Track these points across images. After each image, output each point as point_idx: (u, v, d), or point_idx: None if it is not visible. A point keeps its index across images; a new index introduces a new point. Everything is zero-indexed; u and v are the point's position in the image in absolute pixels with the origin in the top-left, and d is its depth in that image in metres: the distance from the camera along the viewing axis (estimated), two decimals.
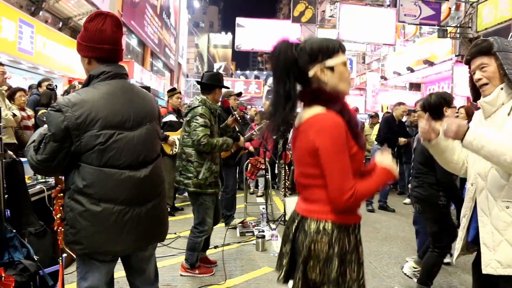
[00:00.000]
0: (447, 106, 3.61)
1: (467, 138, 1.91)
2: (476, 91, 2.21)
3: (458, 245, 2.33)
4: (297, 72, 1.78)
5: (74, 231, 2.09)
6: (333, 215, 1.77)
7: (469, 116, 6.35)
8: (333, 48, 1.78)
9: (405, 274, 4.12)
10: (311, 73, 1.77)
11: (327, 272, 1.76)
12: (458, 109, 5.75)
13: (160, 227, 2.32)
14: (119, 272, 2.50)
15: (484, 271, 2.05)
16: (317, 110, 1.75)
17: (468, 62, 2.20)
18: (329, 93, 1.76)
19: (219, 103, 4.58)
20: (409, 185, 4.48)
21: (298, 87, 1.82)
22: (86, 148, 2.01)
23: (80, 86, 7.49)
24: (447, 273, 4.49)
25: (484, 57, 2.11)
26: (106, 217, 2.07)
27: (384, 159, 1.88)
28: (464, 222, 2.27)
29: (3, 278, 2.07)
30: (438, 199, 3.65)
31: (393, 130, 7.55)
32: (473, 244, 2.26)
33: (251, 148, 7.32)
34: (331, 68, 1.77)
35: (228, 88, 4.34)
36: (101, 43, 2.10)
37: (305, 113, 1.80)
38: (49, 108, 2.04)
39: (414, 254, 4.50)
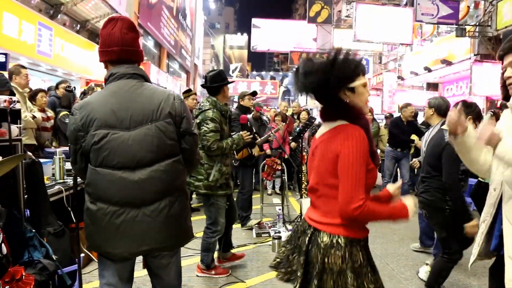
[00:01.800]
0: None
1: (499, 151, 1.82)
2: (507, 90, 2.06)
3: (475, 250, 2.23)
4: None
5: (85, 228, 2.20)
6: (344, 229, 1.83)
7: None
8: (353, 72, 1.83)
9: (420, 278, 4.06)
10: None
11: (341, 284, 1.80)
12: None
13: (164, 234, 2.17)
14: (136, 272, 2.51)
15: (507, 286, 1.94)
16: (341, 122, 1.84)
17: (501, 58, 2.05)
18: (355, 111, 1.83)
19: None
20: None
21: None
22: (87, 149, 2.09)
23: (97, 88, 7.64)
24: (464, 275, 4.43)
25: None
26: (101, 217, 2.09)
27: (409, 199, 1.90)
28: (483, 228, 2.16)
29: (23, 277, 2.11)
30: (444, 204, 3.55)
31: (403, 131, 7.56)
32: (492, 251, 2.17)
33: (268, 152, 7.31)
34: (352, 89, 1.85)
35: (233, 82, 4.31)
36: (110, 46, 2.15)
37: (330, 125, 1.88)
38: (69, 117, 2.19)
39: (432, 257, 4.45)
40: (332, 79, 1.78)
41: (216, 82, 4.10)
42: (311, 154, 1.98)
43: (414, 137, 7.56)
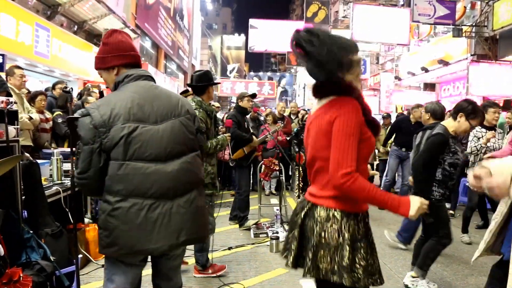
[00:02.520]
0: (464, 114, 3.68)
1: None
2: None
3: (481, 246, 2.23)
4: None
5: (107, 233, 2.10)
6: (341, 203, 1.83)
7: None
8: (353, 47, 1.90)
9: (406, 285, 4.07)
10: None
11: (338, 260, 1.79)
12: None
13: (196, 225, 2.24)
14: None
15: None
16: (335, 97, 1.85)
17: None
18: (348, 85, 1.84)
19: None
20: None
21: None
22: (113, 143, 2.07)
23: (93, 88, 7.63)
24: (463, 275, 4.44)
25: None
26: (136, 212, 2.07)
27: (416, 198, 1.79)
28: (492, 225, 2.13)
29: (21, 278, 2.10)
30: (430, 193, 3.81)
31: (409, 131, 7.52)
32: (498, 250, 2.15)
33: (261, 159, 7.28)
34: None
35: (219, 83, 4.31)
36: (126, 50, 2.27)
37: (323, 101, 1.89)
38: (80, 118, 2.11)
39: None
40: (339, 53, 1.80)
41: (202, 82, 4.11)
42: (307, 130, 2.00)
43: None
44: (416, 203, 1.76)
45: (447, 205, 7.47)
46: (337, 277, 1.79)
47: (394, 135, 8.18)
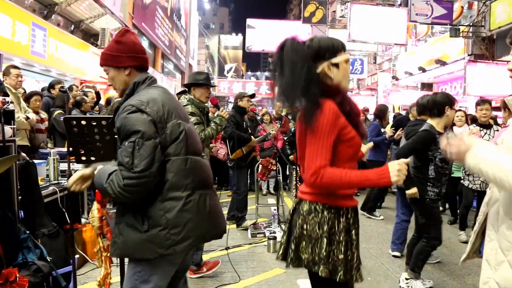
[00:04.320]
0: (449, 106, 3.81)
1: (468, 163, 1.72)
2: None
3: (468, 247, 2.24)
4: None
5: (179, 229, 2.10)
6: (323, 197, 1.90)
7: (467, 120, 6.45)
8: (338, 46, 1.94)
9: (400, 287, 4.08)
10: (319, 69, 1.91)
11: (317, 251, 1.87)
12: (456, 111, 5.69)
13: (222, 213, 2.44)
14: None
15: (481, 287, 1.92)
16: None
17: (511, 44, 1.94)
18: (331, 87, 1.90)
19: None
20: None
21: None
22: (172, 138, 2.11)
23: (88, 88, 7.64)
24: (456, 276, 4.45)
25: None
26: (204, 202, 2.20)
27: (392, 163, 1.79)
28: (476, 227, 2.14)
29: (17, 278, 2.09)
30: (425, 193, 3.83)
31: None
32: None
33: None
34: (337, 65, 1.92)
35: (210, 85, 4.37)
36: (139, 53, 2.29)
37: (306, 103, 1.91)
38: (124, 114, 2.06)
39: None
40: (316, 53, 1.89)
41: (190, 81, 4.32)
42: (296, 130, 2.04)
43: None
44: (394, 167, 1.76)
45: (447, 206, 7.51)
46: (317, 267, 1.87)
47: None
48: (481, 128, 5.47)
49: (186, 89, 4.36)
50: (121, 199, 2.06)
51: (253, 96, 6.19)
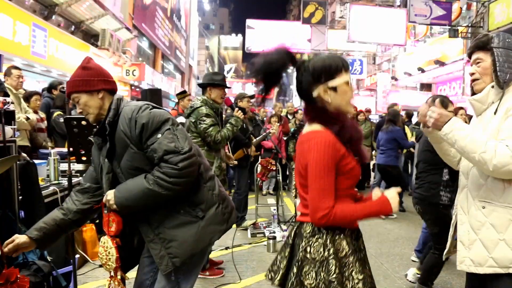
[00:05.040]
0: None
1: (444, 129, 1.91)
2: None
3: (448, 242, 2.36)
4: (301, 91, 1.86)
5: (226, 203, 2.31)
6: None
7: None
8: (336, 68, 1.79)
9: (409, 281, 4.07)
10: (314, 93, 1.80)
11: (324, 276, 1.74)
12: (459, 110, 5.67)
13: None
14: (133, 272, 2.52)
15: (458, 268, 2.11)
16: (315, 127, 1.80)
17: (469, 56, 2.16)
18: (329, 114, 1.79)
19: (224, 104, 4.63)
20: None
21: (303, 104, 1.89)
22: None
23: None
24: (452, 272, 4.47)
25: (480, 52, 2.07)
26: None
27: (390, 192, 1.82)
28: (453, 219, 2.30)
29: (18, 278, 2.10)
30: (438, 199, 3.59)
31: None
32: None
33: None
34: (334, 89, 1.79)
35: (225, 86, 4.34)
36: (110, 77, 2.29)
37: (306, 128, 1.86)
38: (146, 111, 2.10)
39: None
40: (306, 76, 1.81)
41: (204, 81, 4.29)
42: (296, 149, 1.98)
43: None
44: (393, 198, 1.79)
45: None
46: None
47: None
48: None
49: (186, 90, 4.38)
50: (174, 190, 2.02)
51: (253, 97, 6.21)
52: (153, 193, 2.00)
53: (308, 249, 1.79)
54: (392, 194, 1.81)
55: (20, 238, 2.16)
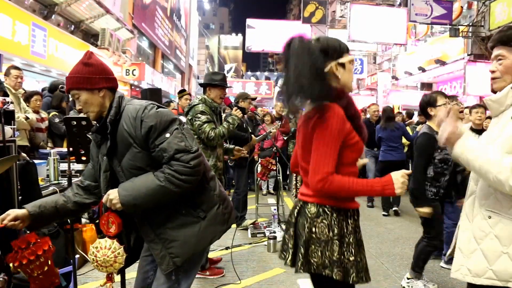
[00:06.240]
0: (431, 106, 3.82)
1: (455, 151, 1.82)
2: None
3: (452, 242, 2.33)
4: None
5: (226, 203, 2.34)
6: (331, 199, 1.87)
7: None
8: (344, 47, 1.95)
9: (403, 286, 4.08)
10: (327, 68, 1.89)
11: (329, 254, 1.84)
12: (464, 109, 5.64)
13: None
14: (132, 273, 2.52)
15: (452, 275, 2.03)
16: (323, 102, 1.86)
17: (491, 49, 1.99)
18: (337, 89, 1.89)
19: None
20: None
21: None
22: None
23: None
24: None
25: (503, 47, 1.91)
26: None
27: (397, 173, 1.84)
28: (459, 221, 2.26)
29: (38, 242, 2.08)
30: (427, 192, 3.84)
31: (371, 131, 7.68)
32: None
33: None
34: (343, 65, 1.93)
35: (226, 86, 4.35)
36: (111, 74, 2.21)
37: (311, 104, 1.90)
38: (153, 111, 2.07)
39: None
40: (325, 51, 1.89)
41: (205, 81, 4.30)
42: (298, 131, 2.04)
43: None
44: (399, 179, 1.80)
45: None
46: (329, 271, 1.83)
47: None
48: (474, 134, 5.38)
49: (185, 89, 4.38)
50: (183, 188, 2.01)
51: (254, 99, 6.22)
52: (164, 190, 1.98)
53: (313, 229, 1.88)
54: (398, 175, 1.82)
55: (16, 211, 2.16)
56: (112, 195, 2.03)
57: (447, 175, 3.87)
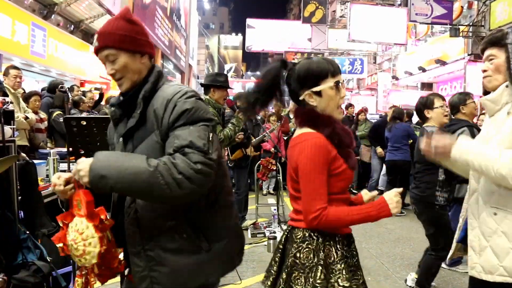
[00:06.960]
0: (427, 109, 3.71)
1: (453, 156, 1.85)
2: None
3: (453, 245, 2.32)
4: (291, 92, 1.89)
5: (239, 239, 2.03)
6: None
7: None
8: (320, 73, 1.81)
9: (409, 286, 4.03)
10: (301, 97, 1.85)
11: (312, 281, 1.75)
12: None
13: None
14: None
15: (470, 273, 2.05)
16: (306, 130, 1.82)
17: (482, 52, 2.06)
18: (319, 117, 1.81)
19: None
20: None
21: (292, 104, 1.90)
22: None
23: (96, 90, 7.64)
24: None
25: (494, 48, 1.96)
26: None
27: (389, 193, 1.79)
28: (460, 222, 2.26)
29: (104, 220, 1.66)
30: (434, 199, 3.56)
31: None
32: (464, 244, 2.22)
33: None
34: (319, 93, 1.82)
35: (228, 87, 4.35)
36: (150, 39, 1.89)
37: (297, 131, 1.88)
38: (192, 99, 1.68)
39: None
40: (293, 81, 1.84)
41: (207, 82, 4.34)
42: (287, 153, 1.98)
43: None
44: (392, 200, 1.76)
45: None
46: None
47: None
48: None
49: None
50: (169, 193, 1.52)
51: None
52: (148, 178, 1.50)
53: (298, 254, 1.80)
54: (391, 195, 1.77)
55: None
56: (82, 165, 1.56)
57: (457, 178, 3.76)
